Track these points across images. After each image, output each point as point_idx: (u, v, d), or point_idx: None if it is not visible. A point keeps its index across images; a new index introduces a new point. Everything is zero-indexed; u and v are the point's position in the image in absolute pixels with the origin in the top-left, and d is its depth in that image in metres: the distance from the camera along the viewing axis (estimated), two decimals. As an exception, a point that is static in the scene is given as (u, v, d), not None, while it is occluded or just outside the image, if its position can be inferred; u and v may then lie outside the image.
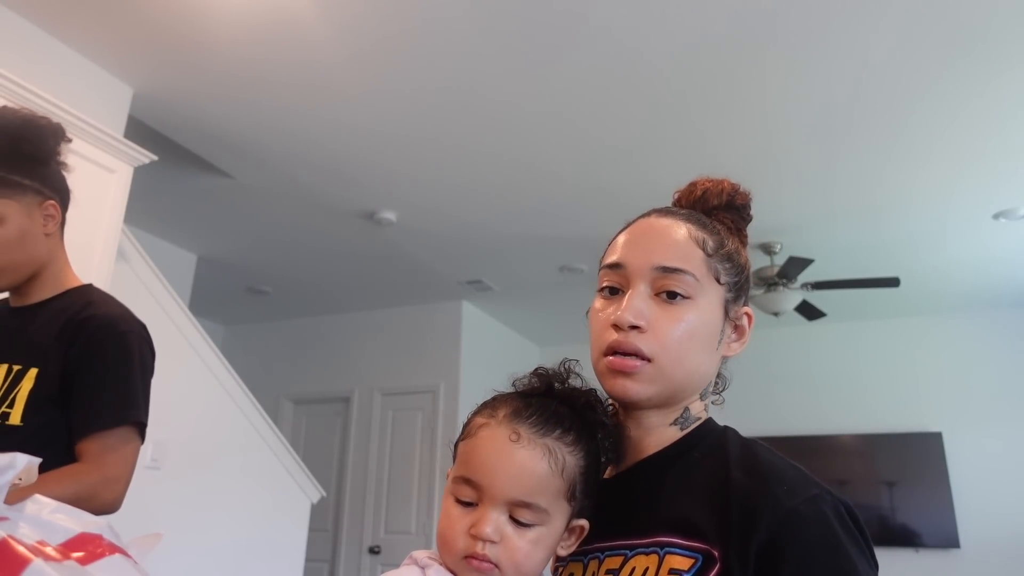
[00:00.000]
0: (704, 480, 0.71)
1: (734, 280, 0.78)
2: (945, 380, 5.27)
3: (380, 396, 5.46)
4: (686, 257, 0.75)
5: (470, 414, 0.77)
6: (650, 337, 0.73)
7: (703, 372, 0.77)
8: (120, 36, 2.64)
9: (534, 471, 0.70)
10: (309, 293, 5.35)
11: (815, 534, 0.63)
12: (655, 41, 2.59)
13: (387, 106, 3.03)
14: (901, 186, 3.57)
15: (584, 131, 3.17)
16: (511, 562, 0.69)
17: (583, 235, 4.19)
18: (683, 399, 0.77)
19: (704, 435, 0.78)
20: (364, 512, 5.23)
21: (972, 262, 4.45)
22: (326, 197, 3.83)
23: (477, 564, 0.68)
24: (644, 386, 0.73)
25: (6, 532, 0.58)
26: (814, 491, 0.65)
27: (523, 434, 0.71)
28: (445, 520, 0.72)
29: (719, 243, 0.78)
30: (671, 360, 0.73)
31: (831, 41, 2.55)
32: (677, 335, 0.73)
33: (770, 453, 0.72)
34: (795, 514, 0.63)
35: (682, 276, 0.74)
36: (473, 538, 0.69)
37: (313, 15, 2.50)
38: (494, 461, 0.70)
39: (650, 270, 0.75)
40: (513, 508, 0.70)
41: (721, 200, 0.84)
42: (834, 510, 0.65)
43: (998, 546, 4.80)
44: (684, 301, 0.74)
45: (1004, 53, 2.58)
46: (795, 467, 0.70)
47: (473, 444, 0.72)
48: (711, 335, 0.76)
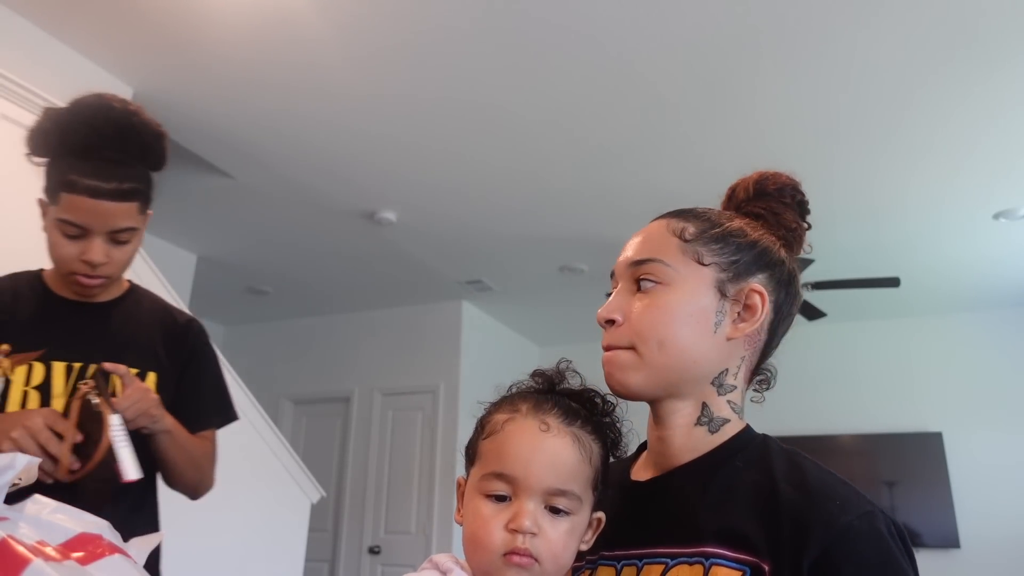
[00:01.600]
0: (749, 492, 0.70)
1: (730, 259, 0.77)
2: (945, 380, 5.27)
3: (380, 396, 5.46)
4: (654, 248, 0.78)
5: (484, 414, 0.78)
6: (625, 327, 0.76)
7: (697, 357, 0.75)
8: (120, 36, 2.64)
9: (568, 458, 0.71)
10: (309, 293, 5.35)
11: (870, 550, 0.62)
12: (652, 43, 2.58)
13: (387, 106, 3.02)
14: (901, 186, 3.57)
15: (584, 131, 3.17)
16: (550, 554, 0.69)
17: (583, 235, 4.19)
18: (686, 386, 0.76)
19: (745, 444, 0.76)
20: (364, 512, 5.22)
21: (972, 262, 4.45)
22: (326, 197, 3.83)
23: (519, 560, 0.68)
24: (627, 375, 0.75)
25: (6, 532, 0.58)
26: (867, 507, 0.65)
27: (552, 424, 0.72)
28: (476, 520, 0.70)
29: (707, 227, 0.78)
30: (649, 346, 0.74)
31: (831, 42, 2.55)
32: (649, 319, 0.75)
33: (817, 467, 0.71)
34: (850, 529, 0.63)
35: (649, 265, 0.77)
36: (512, 533, 0.68)
37: (313, 16, 2.50)
38: (528, 451, 0.71)
39: (627, 267, 0.79)
40: (549, 497, 0.70)
41: (749, 192, 0.84)
42: (887, 527, 0.65)
43: (998, 546, 4.80)
44: (657, 287, 0.76)
45: (1004, 53, 2.58)
46: (845, 482, 0.69)
47: (502, 438, 0.72)
48: (698, 316, 0.75)
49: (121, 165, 1.16)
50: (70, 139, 1.14)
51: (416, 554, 4.92)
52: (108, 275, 1.20)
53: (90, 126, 1.14)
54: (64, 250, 1.16)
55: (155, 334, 1.30)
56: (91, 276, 1.18)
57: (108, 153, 1.15)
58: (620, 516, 0.78)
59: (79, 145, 1.14)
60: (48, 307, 1.23)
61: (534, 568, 0.68)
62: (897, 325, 5.51)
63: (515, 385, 0.80)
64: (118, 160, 1.16)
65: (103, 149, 1.15)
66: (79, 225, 1.14)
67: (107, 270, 1.19)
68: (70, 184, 1.13)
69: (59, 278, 1.23)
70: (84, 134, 1.14)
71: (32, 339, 1.18)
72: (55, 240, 1.16)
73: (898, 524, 0.66)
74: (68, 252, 1.16)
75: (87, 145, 1.14)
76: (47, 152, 1.17)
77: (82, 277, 1.18)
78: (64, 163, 1.14)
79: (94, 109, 1.16)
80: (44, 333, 1.19)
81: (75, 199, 1.13)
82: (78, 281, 1.19)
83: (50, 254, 1.19)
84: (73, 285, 1.21)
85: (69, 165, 1.14)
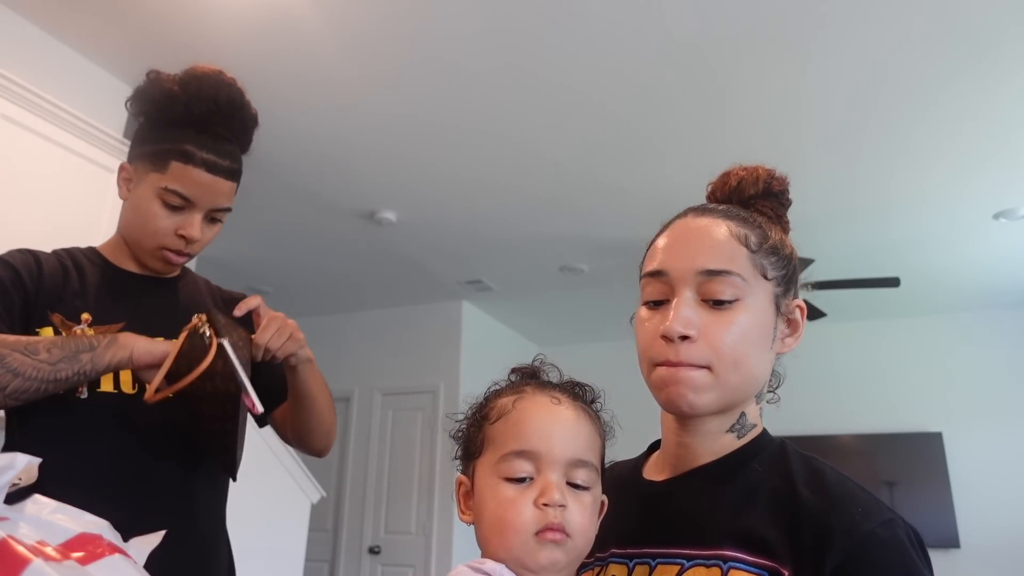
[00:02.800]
0: (768, 495, 0.69)
1: (781, 273, 0.75)
2: (945, 380, 5.27)
3: (380, 396, 5.46)
4: (730, 257, 0.72)
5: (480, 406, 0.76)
6: (702, 345, 0.70)
7: (759, 374, 0.74)
8: (120, 36, 2.64)
9: (584, 428, 0.72)
10: (309, 293, 5.35)
11: (892, 559, 0.62)
12: (658, 41, 2.58)
13: (387, 107, 3.02)
14: (901, 186, 3.57)
15: (585, 131, 3.17)
16: (580, 528, 0.68)
17: (583, 235, 4.19)
18: (740, 404, 0.75)
19: (763, 447, 0.76)
20: (364, 512, 5.22)
21: (972, 262, 4.45)
22: (326, 197, 3.83)
23: (552, 535, 0.66)
24: (700, 396, 0.70)
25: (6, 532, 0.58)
26: (888, 515, 0.65)
27: (562, 398, 0.73)
28: (501, 504, 0.68)
29: (762, 237, 0.74)
30: (727, 366, 0.70)
31: (835, 43, 2.55)
32: (731, 340, 0.70)
33: (836, 472, 0.71)
34: (872, 537, 0.62)
35: (728, 278, 0.71)
36: (543, 509, 0.67)
37: (313, 17, 2.50)
38: (547, 424, 0.70)
39: (694, 275, 0.72)
40: (570, 470, 0.69)
41: (758, 188, 0.81)
42: (907, 535, 0.64)
43: (998, 546, 4.80)
44: (733, 303, 0.71)
45: (1004, 53, 2.58)
46: (864, 488, 0.69)
47: (516, 417, 0.71)
48: (764, 334, 0.73)
49: (228, 143, 1.14)
50: (195, 108, 1.09)
51: (416, 554, 4.92)
52: (194, 253, 1.16)
53: (214, 100, 1.10)
54: (162, 221, 1.10)
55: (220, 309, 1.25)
56: (181, 252, 1.13)
57: (221, 130, 1.12)
58: (633, 514, 0.77)
59: (199, 117, 1.10)
60: (117, 281, 1.16)
61: (567, 544, 0.67)
62: (897, 325, 5.51)
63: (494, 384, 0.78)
64: (227, 138, 1.14)
65: (217, 125, 1.12)
66: (187, 197, 1.09)
67: (196, 248, 1.14)
68: (187, 155, 1.08)
69: (139, 250, 1.15)
70: (207, 107, 1.10)
71: (108, 312, 1.10)
72: (152, 210, 1.09)
73: (917, 532, 0.66)
74: (165, 224, 1.10)
75: (207, 118, 1.10)
76: (165, 118, 1.11)
77: (171, 253, 1.12)
78: (179, 132, 1.09)
79: (217, 83, 1.12)
80: (119, 306, 1.12)
81: (190, 171, 1.08)
82: (165, 256, 1.13)
83: (139, 223, 1.11)
84: (156, 259, 1.14)
85: (186, 135, 1.09)
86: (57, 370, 0.94)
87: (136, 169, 1.13)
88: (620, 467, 0.89)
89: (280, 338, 1.09)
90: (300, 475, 3.77)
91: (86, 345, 0.97)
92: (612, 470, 0.88)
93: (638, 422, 1.12)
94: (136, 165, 1.13)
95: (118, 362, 0.98)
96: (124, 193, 1.15)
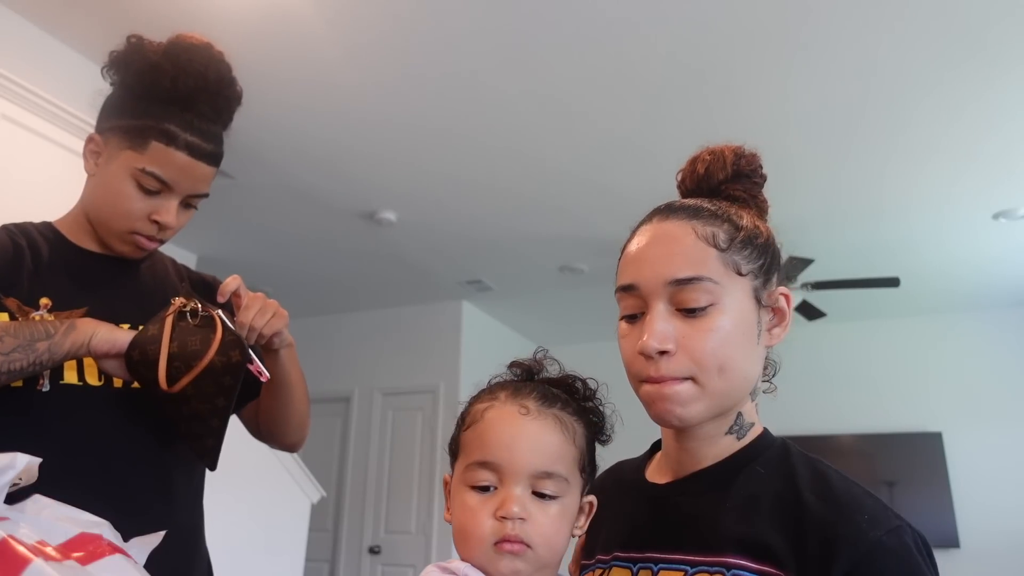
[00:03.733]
0: (772, 500, 0.68)
1: (758, 264, 0.72)
2: (945, 380, 5.27)
3: (380, 396, 5.46)
4: (699, 262, 0.69)
5: (464, 408, 0.77)
6: (682, 357, 0.68)
7: (748, 374, 0.72)
8: (120, 37, 2.63)
9: (550, 440, 0.70)
10: (309, 293, 5.35)
11: (900, 568, 0.61)
12: (656, 40, 2.58)
13: (388, 107, 3.02)
14: (901, 186, 3.57)
15: (584, 131, 3.17)
16: (542, 538, 0.68)
17: (583, 235, 4.19)
18: (734, 406, 0.73)
19: (764, 448, 0.74)
20: (364, 512, 5.22)
21: (972, 262, 4.45)
22: (326, 197, 3.83)
23: (510, 547, 0.67)
24: (688, 409, 0.69)
25: (6, 532, 0.58)
26: (895, 522, 0.63)
27: (531, 407, 0.72)
28: (464, 512, 0.69)
29: (732, 231, 0.72)
30: (711, 375, 0.68)
31: (833, 41, 2.55)
32: (711, 348, 0.68)
33: (841, 477, 0.69)
34: (880, 546, 0.61)
35: (700, 284, 0.68)
36: (501, 520, 0.67)
37: (314, 16, 2.50)
38: (510, 436, 0.70)
39: (664, 286, 0.69)
40: (535, 481, 0.69)
41: (727, 172, 0.78)
42: (914, 543, 0.63)
43: (998, 546, 4.80)
44: (708, 309, 0.69)
45: (1004, 53, 2.58)
46: (870, 494, 0.67)
47: (483, 427, 0.72)
48: (747, 333, 0.71)
49: (213, 123, 1.05)
50: (181, 84, 1.00)
51: (416, 554, 4.92)
52: (166, 239, 1.07)
53: (203, 76, 1.01)
54: (135, 204, 1.01)
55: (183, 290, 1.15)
56: (153, 238, 1.05)
57: (206, 108, 1.03)
58: (636, 518, 0.77)
59: (186, 93, 1.01)
60: (78, 262, 1.06)
61: (527, 554, 0.67)
62: (897, 325, 5.51)
63: (495, 378, 0.79)
64: (212, 118, 1.05)
65: (203, 103, 1.03)
66: (165, 181, 1.00)
67: (169, 234, 1.06)
68: (169, 135, 0.99)
69: (105, 232, 1.05)
70: (195, 83, 1.01)
71: (69, 296, 1.01)
72: (125, 191, 1.00)
73: (924, 537, 0.65)
74: (138, 207, 1.01)
75: (193, 96, 1.01)
76: (147, 91, 1.01)
77: (143, 238, 1.04)
78: (161, 108, 1.00)
79: (207, 57, 1.03)
80: (81, 290, 1.03)
81: (171, 153, 0.99)
82: (136, 240, 1.04)
83: (109, 204, 1.02)
84: (124, 243, 1.05)
85: (169, 112, 1.00)
86: (11, 360, 0.87)
87: (107, 143, 1.03)
88: (625, 466, 0.88)
89: (264, 316, 1.01)
90: (300, 475, 3.77)
91: (42, 333, 0.89)
92: (616, 469, 0.88)
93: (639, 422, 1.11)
94: (108, 138, 1.03)
95: (76, 349, 0.91)
96: (91, 167, 1.05)
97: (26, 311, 0.96)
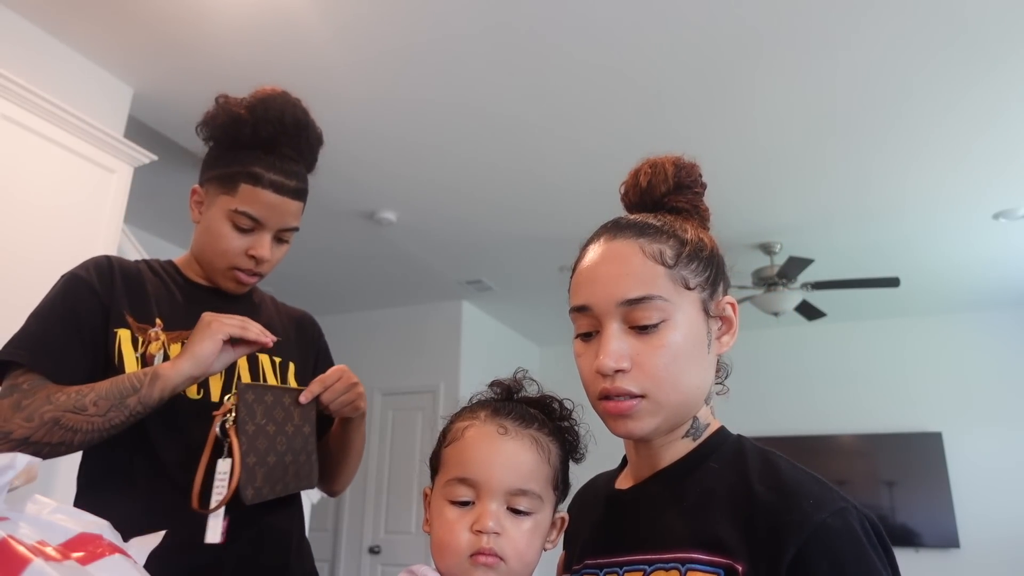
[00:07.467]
0: (724, 492, 0.70)
1: (705, 276, 0.75)
2: (945, 380, 5.27)
3: (380, 396, 5.46)
4: (649, 281, 0.71)
5: (446, 425, 0.81)
6: (637, 374, 0.70)
7: (701, 384, 0.74)
8: (121, 36, 2.64)
9: (526, 459, 0.74)
10: (309, 293, 5.35)
11: (844, 548, 0.62)
12: (651, 44, 2.58)
13: (387, 107, 3.03)
14: (900, 186, 3.57)
15: (583, 131, 3.17)
16: (515, 552, 0.72)
17: (583, 235, 4.14)
18: (689, 415, 0.76)
19: (719, 443, 0.76)
20: (364, 512, 5.23)
21: (972, 262, 4.45)
22: (326, 197, 3.83)
23: (484, 559, 0.71)
24: (645, 422, 0.71)
25: (6, 532, 0.58)
26: (840, 504, 0.65)
27: (509, 427, 0.76)
28: (443, 525, 0.73)
29: (679, 247, 0.74)
30: (665, 392, 0.71)
31: (831, 42, 2.55)
32: (663, 363, 0.70)
33: (791, 466, 0.71)
34: (823, 527, 0.63)
35: (650, 303, 0.71)
36: (476, 534, 0.71)
37: (314, 17, 2.50)
38: (487, 455, 0.74)
39: (616, 306, 0.72)
40: (510, 498, 0.73)
41: (669, 185, 0.81)
42: (860, 524, 0.64)
43: (998, 546, 4.80)
44: (661, 325, 0.71)
45: (1003, 53, 2.58)
46: (818, 480, 0.68)
47: (463, 445, 0.76)
48: (698, 344, 0.73)
49: (295, 163, 1.17)
50: (262, 130, 1.12)
51: (416, 554, 4.92)
52: (264, 273, 1.18)
53: (280, 121, 1.14)
54: (233, 243, 1.13)
55: (288, 326, 1.30)
56: (252, 272, 1.16)
57: (287, 151, 1.15)
58: (603, 525, 0.80)
59: (267, 139, 1.13)
60: (192, 293, 1.19)
61: (500, 567, 0.71)
62: (896, 325, 5.51)
63: (475, 396, 0.83)
64: (293, 158, 1.17)
65: (284, 146, 1.15)
66: (256, 219, 1.12)
67: (266, 268, 1.18)
68: (255, 177, 1.11)
69: (211, 271, 1.18)
70: (274, 128, 1.13)
71: (181, 319, 1.13)
72: (223, 232, 1.13)
73: (873, 519, 0.66)
74: (236, 245, 1.14)
75: (273, 140, 1.13)
76: (233, 141, 1.14)
77: (243, 273, 1.16)
78: (247, 154, 1.13)
79: (282, 104, 1.15)
80: (193, 315, 1.10)
81: (258, 192, 1.11)
82: (236, 276, 1.16)
83: (211, 245, 1.15)
84: (228, 280, 1.17)
85: (254, 157, 1.13)
86: (110, 419, 0.97)
87: (207, 192, 1.17)
88: (600, 478, 0.92)
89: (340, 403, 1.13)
90: (300, 475, 3.77)
91: (129, 389, 0.98)
92: (592, 482, 0.93)
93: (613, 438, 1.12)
94: (207, 188, 1.17)
95: (167, 395, 1.00)
96: (196, 216, 1.19)
97: (143, 328, 1.09)
